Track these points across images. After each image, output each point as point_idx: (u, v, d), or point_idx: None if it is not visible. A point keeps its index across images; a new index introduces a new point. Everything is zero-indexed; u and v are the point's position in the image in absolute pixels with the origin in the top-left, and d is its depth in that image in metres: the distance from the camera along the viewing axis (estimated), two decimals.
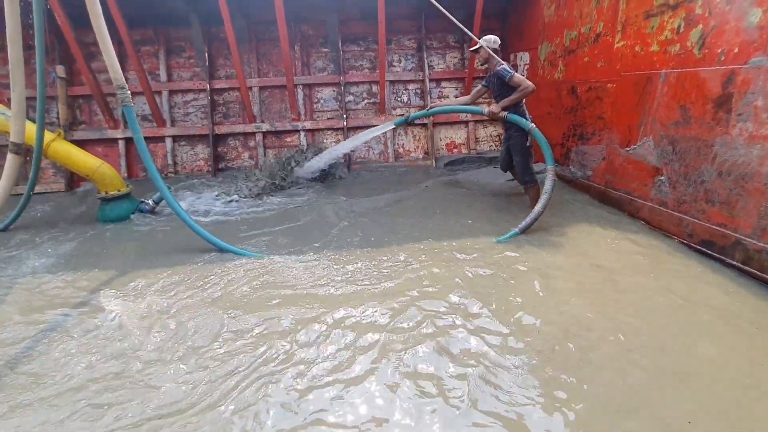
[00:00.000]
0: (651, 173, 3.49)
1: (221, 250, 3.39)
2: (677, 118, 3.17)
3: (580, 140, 4.65)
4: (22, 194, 4.11)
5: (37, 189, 4.87)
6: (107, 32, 2.99)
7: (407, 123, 4.34)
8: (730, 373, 1.86)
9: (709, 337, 2.11)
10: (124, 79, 3.16)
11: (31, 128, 4.01)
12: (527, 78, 5.82)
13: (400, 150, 6.41)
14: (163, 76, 5.92)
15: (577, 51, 4.60)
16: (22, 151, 3.49)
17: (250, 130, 6.01)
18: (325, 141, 6.25)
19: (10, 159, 3.42)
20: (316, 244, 3.51)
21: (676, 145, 3.19)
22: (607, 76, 4.08)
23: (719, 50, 2.75)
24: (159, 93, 5.89)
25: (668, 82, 3.24)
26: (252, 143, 6.12)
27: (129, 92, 3.21)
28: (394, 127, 4.46)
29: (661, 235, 3.33)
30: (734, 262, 2.71)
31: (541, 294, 2.57)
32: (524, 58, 5.96)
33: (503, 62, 3.86)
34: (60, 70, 5.41)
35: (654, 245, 3.16)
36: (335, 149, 5.24)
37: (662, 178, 3.36)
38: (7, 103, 3.77)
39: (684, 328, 2.18)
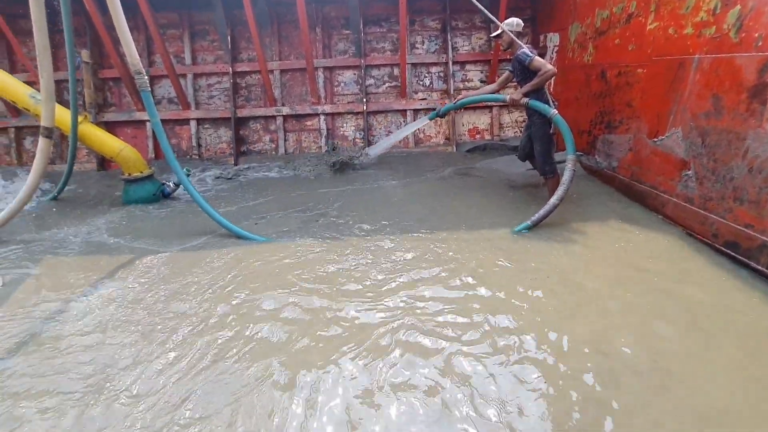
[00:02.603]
0: (678, 167, 3.27)
1: (237, 235, 3.46)
2: (709, 108, 2.93)
3: (607, 128, 4.41)
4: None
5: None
6: (124, 19, 3.06)
7: (439, 116, 4.57)
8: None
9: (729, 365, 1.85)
10: (141, 65, 3.23)
11: (60, 112, 4.20)
12: (556, 61, 5.59)
13: (421, 135, 6.30)
14: (188, 60, 6.02)
15: (608, 32, 4.32)
16: (53, 134, 3.64)
17: (270, 114, 6.07)
18: (344, 126, 6.23)
19: (42, 142, 3.57)
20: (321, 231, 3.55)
21: (706, 138, 2.96)
22: (637, 61, 3.81)
23: (756, 34, 2.50)
24: (184, 76, 6.02)
25: (701, 69, 2.99)
26: (273, 126, 6.18)
27: (146, 78, 3.29)
28: (428, 121, 4.84)
29: (684, 234, 3.13)
30: (759, 267, 2.52)
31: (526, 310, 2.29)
32: (554, 39, 5.66)
33: (524, 46, 3.68)
34: (85, 54, 5.56)
35: (676, 246, 2.96)
36: (394, 136, 5.56)
37: (689, 172, 3.14)
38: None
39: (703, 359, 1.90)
